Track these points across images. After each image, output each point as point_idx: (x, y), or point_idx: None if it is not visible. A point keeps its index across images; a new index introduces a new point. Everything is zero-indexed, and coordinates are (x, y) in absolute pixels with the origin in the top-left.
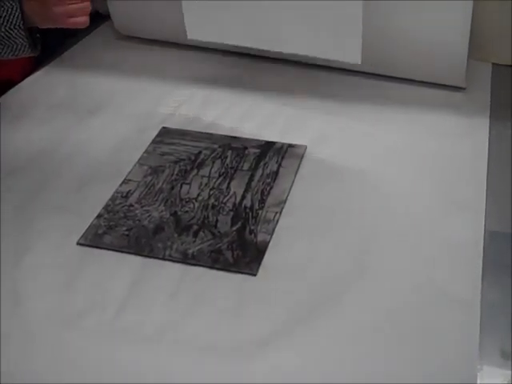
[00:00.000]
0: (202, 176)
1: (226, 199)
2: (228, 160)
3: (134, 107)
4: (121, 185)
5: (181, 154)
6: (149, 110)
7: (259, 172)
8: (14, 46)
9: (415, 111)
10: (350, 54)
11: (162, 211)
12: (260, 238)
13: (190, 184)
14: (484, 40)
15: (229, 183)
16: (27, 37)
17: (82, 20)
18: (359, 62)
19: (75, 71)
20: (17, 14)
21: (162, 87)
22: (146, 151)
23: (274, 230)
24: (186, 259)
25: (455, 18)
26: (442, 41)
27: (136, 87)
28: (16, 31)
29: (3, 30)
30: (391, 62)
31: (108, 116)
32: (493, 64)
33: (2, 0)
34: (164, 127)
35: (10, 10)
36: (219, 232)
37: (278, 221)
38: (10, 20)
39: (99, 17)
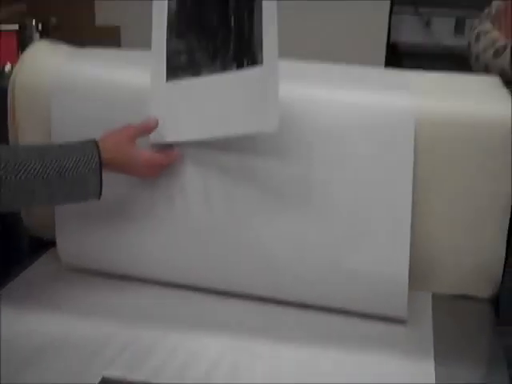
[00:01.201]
0: None
1: None
2: None
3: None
4: None
5: None
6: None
7: None
8: (87, 190)
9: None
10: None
11: None
12: None
13: None
14: (423, 269)
15: None
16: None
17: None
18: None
19: (15, 307)
20: (95, 160)
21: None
22: None
23: None
24: None
25: (394, 247)
26: (381, 272)
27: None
28: (94, 177)
29: (81, 171)
30: (330, 294)
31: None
32: (433, 294)
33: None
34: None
35: (89, 155)
36: None
37: None
38: (89, 164)
39: (42, 244)
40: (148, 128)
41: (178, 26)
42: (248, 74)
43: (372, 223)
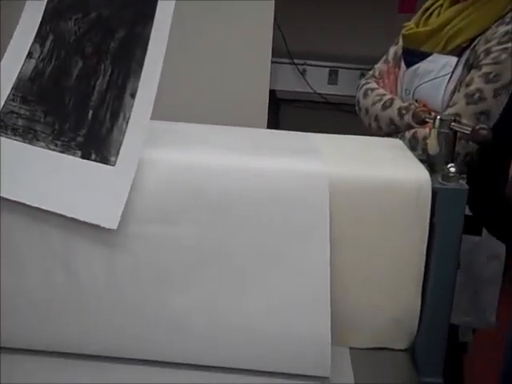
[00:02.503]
0: None
1: None
2: None
3: None
4: None
5: None
6: None
7: None
8: None
9: None
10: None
11: None
12: None
13: None
14: (340, 325)
15: None
16: None
17: None
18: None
19: None
20: None
21: None
22: None
23: None
24: None
25: (314, 309)
26: (302, 334)
27: None
28: None
29: None
30: (249, 357)
31: None
32: (350, 348)
33: None
34: None
35: None
36: None
37: None
38: None
39: None
40: None
41: (25, 91)
42: (97, 169)
43: (290, 287)
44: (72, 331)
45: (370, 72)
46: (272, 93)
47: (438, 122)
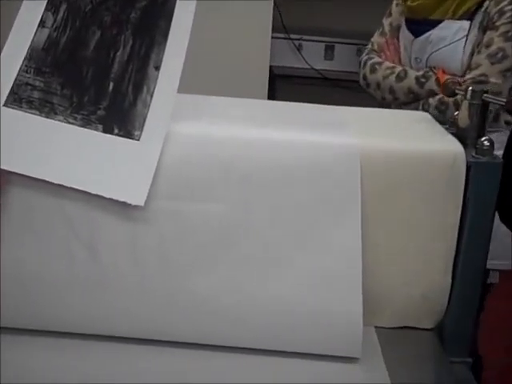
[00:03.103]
0: None
1: None
2: None
3: None
4: None
5: None
6: None
7: None
8: None
9: None
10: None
11: None
12: None
13: None
14: (369, 303)
15: None
16: None
17: None
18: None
19: None
20: None
21: None
22: None
23: None
24: None
25: (346, 286)
26: (334, 312)
27: None
28: None
29: None
30: (280, 337)
31: None
32: (376, 327)
33: None
34: None
35: None
36: None
37: None
38: None
39: None
40: None
41: (40, 62)
42: (120, 144)
43: (320, 265)
44: (94, 312)
45: (368, 46)
46: (269, 69)
47: (469, 93)
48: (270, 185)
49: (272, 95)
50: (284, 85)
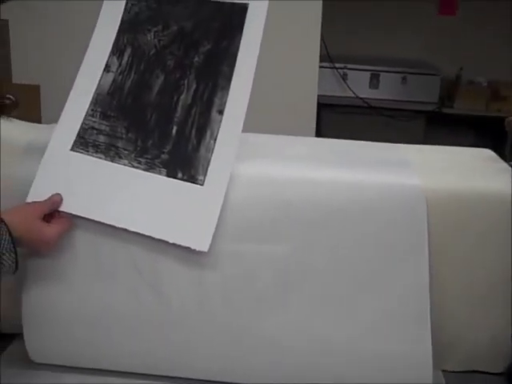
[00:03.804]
0: None
1: None
2: None
3: None
4: None
5: None
6: None
7: None
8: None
9: None
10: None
11: None
12: None
13: None
14: (437, 346)
15: None
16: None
17: None
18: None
19: None
20: (6, 237)
21: None
22: None
23: None
24: None
25: (415, 328)
26: (404, 354)
27: None
28: (7, 254)
29: None
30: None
31: None
32: (443, 371)
33: None
34: None
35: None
36: None
37: None
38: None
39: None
40: (55, 204)
41: (105, 106)
42: (184, 188)
43: (387, 307)
44: (160, 352)
45: None
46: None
47: None
48: (333, 224)
49: (317, 125)
50: (328, 114)
